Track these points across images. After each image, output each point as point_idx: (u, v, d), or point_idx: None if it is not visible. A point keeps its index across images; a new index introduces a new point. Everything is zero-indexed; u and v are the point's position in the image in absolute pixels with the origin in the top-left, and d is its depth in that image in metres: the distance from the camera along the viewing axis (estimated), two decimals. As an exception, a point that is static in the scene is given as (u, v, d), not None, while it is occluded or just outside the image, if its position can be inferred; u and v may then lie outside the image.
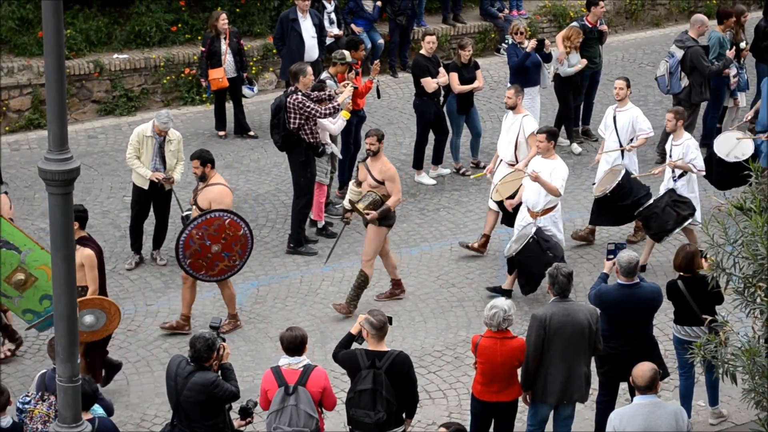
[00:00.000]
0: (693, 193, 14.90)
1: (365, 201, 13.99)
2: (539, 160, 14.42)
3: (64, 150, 7.97)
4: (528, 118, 15.53)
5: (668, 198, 14.74)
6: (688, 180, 14.87)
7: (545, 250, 13.91)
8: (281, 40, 18.47)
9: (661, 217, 14.68)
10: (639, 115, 15.70)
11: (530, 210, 14.28)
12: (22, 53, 18.78)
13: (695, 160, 14.77)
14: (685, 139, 14.84)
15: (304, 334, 10.46)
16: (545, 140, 14.28)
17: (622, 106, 15.77)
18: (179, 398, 10.18)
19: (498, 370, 10.90)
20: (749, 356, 8.58)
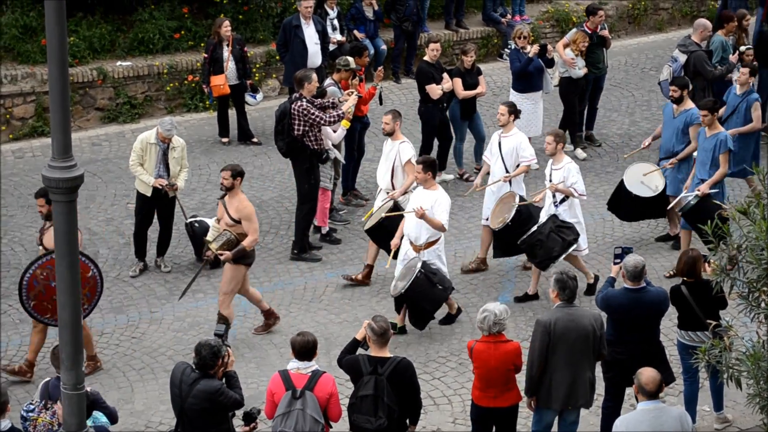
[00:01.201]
0: (576, 218, 14.36)
1: (219, 241, 13.39)
2: (420, 192, 13.79)
3: (67, 157, 7.97)
4: (405, 145, 14.95)
5: (552, 224, 14.15)
6: (570, 205, 14.33)
7: (435, 284, 13.43)
8: (284, 47, 18.49)
9: (546, 243, 14.08)
10: (523, 142, 15.11)
11: (413, 244, 13.73)
12: (26, 61, 18.81)
13: (576, 185, 14.21)
14: (565, 162, 14.31)
15: (315, 339, 10.50)
16: (422, 171, 13.63)
17: (506, 131, 15.13)
18: (184, 405, 10.18)
19: (493, 375, 10.89)
20: (754, 361, 8.57)
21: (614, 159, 18.36)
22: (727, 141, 14.67)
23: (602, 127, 19.28)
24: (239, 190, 13.61)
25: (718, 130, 14.78)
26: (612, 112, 19.95)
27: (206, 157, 18.15)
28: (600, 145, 18.80)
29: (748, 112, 16.29)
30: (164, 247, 15.28)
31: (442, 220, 13.58)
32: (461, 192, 17.23)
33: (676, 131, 15.43)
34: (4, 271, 15.07)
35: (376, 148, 18.21)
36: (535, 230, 14.17)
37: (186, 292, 14.19)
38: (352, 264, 15.32)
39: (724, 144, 14.64)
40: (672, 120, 15.53)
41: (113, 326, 14.07)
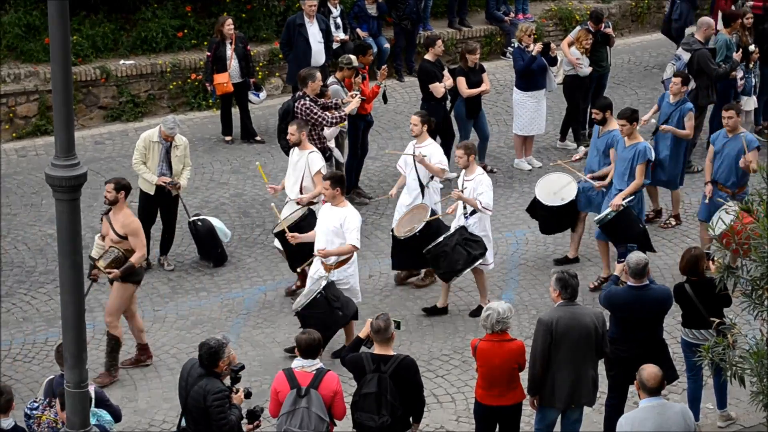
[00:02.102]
0: (484, 232, 13.97)
1: (106, 259, 12.82)
2: (328, 209, 13.22)
3: (71, 156, 7.98)
4: (314, 155, 14.40)
5: (459, 236, 13.70)
6: (480, 218, 13.92)
7: (334, 309, 12.76)
8: (288, 45, 18.49)
9: (451, 255, 13.60)
10: (435, 153, 14.68)
11: (323, 262, 13.17)
12: (29, 60, 18.82)
13: (482, 196, 13.77)
14: (477, 174, 13.85)
15: (320, 337, 10.51)
16: (330, 187, 13.05)
17: (420, 142, 14.68)
18: (187, 399, 10.20)
19: (497, 373, 10.89)
20: (757, 359, 8.57)
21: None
22: (645, 152, 14.37)
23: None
24: (124, 204, 13.04)
25: (637, 141, 14.48)
26: (615, 110, 19.90)
27: (209, 156, 18.16)
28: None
29: (682, 122, 15.81)
30: (167, 245, 15.28)
31: (351, 242, 12.99)
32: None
33: (599, 152, 15.04)
34: (7, 269, 15.07)
35: (379, 146, 18.23)
36: (441, 241, 13.68)
37: None
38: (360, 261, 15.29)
39: (642, 155, 14.34)
40: (596, 140, 15.14)
41: (117, 325, 14.07)
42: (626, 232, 14.27)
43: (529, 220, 16.21)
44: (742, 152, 14.48)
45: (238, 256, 15.47)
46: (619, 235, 14.38)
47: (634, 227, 14.26)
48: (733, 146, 14.62)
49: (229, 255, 15.30)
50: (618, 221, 14.25)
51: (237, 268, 15.20)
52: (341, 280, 13.14)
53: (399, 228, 14.26)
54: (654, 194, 16.26)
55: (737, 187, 14.64)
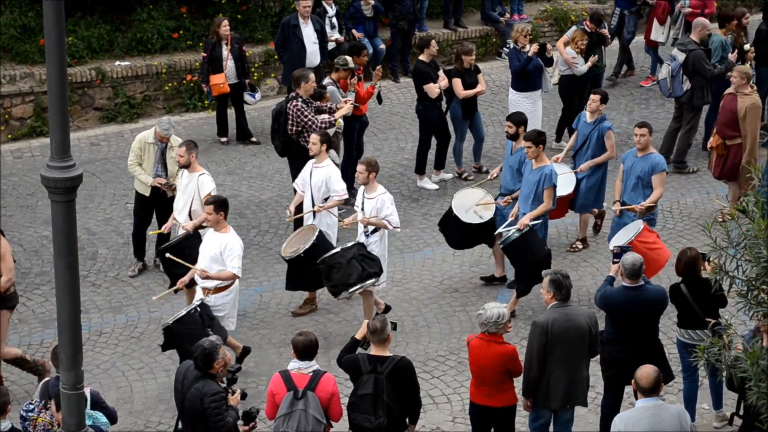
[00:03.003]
0: (383, 252, 13.67)
1: None
2: (211, 234, 12.76)
3: (66, 157, 7.97)
4: (204, 177, 13.95)
5: (357, 250, 13.34)
6: (381, 237, 13.64)
7: (205, 327, 12.07)
8: (283, 46, 18.48)
9: (345, 268, 13.20)
10: (334, 175, 14.22)
11: (203, 286, 12.75)
12: (24, 61, 18.80)
13: (390, 217, 13.51)
14: (379, 193, 13.53)
15: (316, 338, 10.51)
16: (213, 212, 12.57)
17: (318, 162, 14.26)
18: (183, 401, 10.20)
19: (484, 374, 10.90)
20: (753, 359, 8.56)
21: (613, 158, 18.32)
22: (551, 176, 13.91)
23: (601, 126, 19.26)
24: None
25: (544, 164, 14.01)
26: (610, 111, 19.92)
27: (205, 157, 18.13)
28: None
29: (601, 141, 15.37)
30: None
31: (233, 269, 12.54)
32: (460, 191, 17.24)
33: (512, 169, 14.61)
34: (3, 271, 15.05)
35: (374, 147, 18.22)
36: (338, 251, 13.35)
37: None
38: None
39: (548, 179, 13.89)
40: (509, 157, 14.72)
41: (112, 326, 14.07)
42: (529, 254, 13.80)
43: (525, 220, 16.23)
44: (648, 173, 14.16)
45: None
46: (521, 256, 13.90)
47: (538, 248, 13.82)
48: (642, 166, 14.24)
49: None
50: (522, 242, 13.84)
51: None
52: (217, 306, 12.57)
53: (286, 249, 13.81)
54: (584, 221, 15.75)
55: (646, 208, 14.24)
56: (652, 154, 14.38)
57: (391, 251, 15.57)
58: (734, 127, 16.05)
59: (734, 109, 15.98)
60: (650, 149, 14.38)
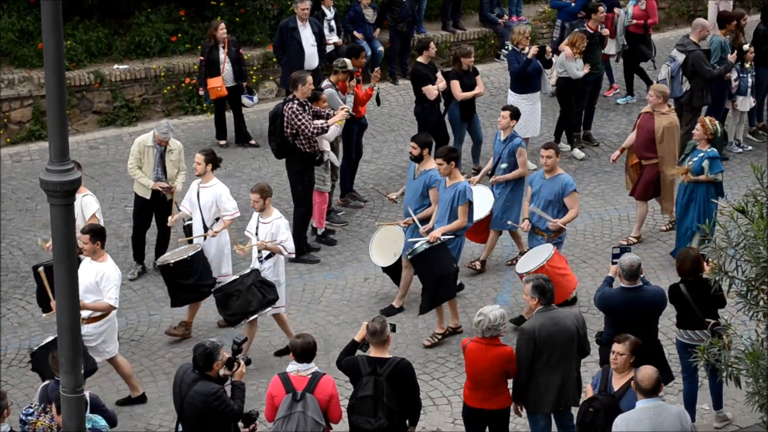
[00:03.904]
0: (277, 278, 13.26)
1: None
2: (87, 263, 12.21)
3: (65, 161, 7.97)
4: (88, 198, 13.48)
5: (255, 277, 13.02)
6: (275, 263, 13.28)
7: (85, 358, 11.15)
8: (281, 49, 18.49)
9: (245, 296, 12.93)
10: (224, 194, 13.84)
11: None
12: (23, 65, 18.80)
13: (286, 242, 13.16)
14: (274, 217, 13.23)
15: (315, 340, 10.52)
16: (89, 241, 12.14)
17: (204, 181, 13.87)
18: (182, 404, 10.20)
19: (482, 377, 10.89)
20: (753, 359, 8.57)
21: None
22: (465, 192, 13.47)
23: (600, 127, 19.30)
24: None
25: (457, 180, 13.57)
26: (609, 112, 19.96)
27: (204, 160, 18.13)
28: (597, 144, 18.82)
29: (513, 158, 14.93)
30: (162, 249, 15.25)
31: (109, 300, 12.10)
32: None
33: (416, 193, 14.12)
34: (3, 275, 15.05)
35: (373, 149, 18.23)
36: (236, 279, 13.03)
37: None
38: (350, 265, 15.32)
39: (462, 195, 13.46)
40: (412, 181, 14.23)
41: (112, 329, 14.06)
42: (435, 268, 13.35)
43: (524, 222, 16.24)
44: (559, 195, 13.88)
45: (232, 260, 15.44)
46: (428, 269, 13.41)
47: (447, 264, 13.36)
48: (551, 189, 13.94)
49: (224, 259, 15.29)
50: (430, 254, 13.38)
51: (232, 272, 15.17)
52: (87, 335, 11.90)
53: (167, 256, 13.61)
54: (517, 238, 15.30)
55: (554, 232, 13.94)
56: (560, 175, 14.03)
57: (390, 253, 15.60)
58: (650, 147, 15.54)
59: (651, 129, 15.51)
60: (558, 170, 14.06)
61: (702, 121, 14.88)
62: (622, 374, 10.57)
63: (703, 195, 14.80)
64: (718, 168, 14.80)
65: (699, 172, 14.72)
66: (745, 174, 17.33)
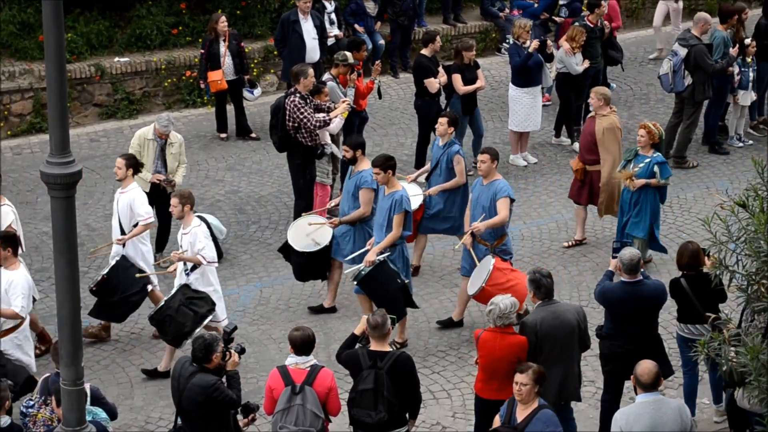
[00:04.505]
0: (211, 287, 12.88)
1: None
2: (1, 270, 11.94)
3: (66, 154, 7.98)
4: (6, 208, 12.98)
5: (182, 296, 12.64)
6: (203, 272, 12.81)
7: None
8: (282, 42, 18.48)
9: (176, 319, 12.55)
10: (137, 198, 13.45)
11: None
12: (24, 57, 18.79)
13: (204, 251, 12.71)
14: (193, 226, 12.77)
15: (313, 333, 10.53)
16: (1, 248, 11.85)
17: (124, 186, 13.51)
18: (181, 398, 10.21)
19: (497, 365, 10.89)
20: (753, 354, 8.57)
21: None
22: (402, 202, 13.00)
23: (601, 121, 19.25)
24: None
25: (395, 189, 13.09)
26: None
27: (204, 153, 18.15)
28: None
29: (451, 165, 14.51)
30: (163, 242, 15.27)
31: (15, 308, 11.79)
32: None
33: (349, 194, 13.86)
34: (3, 267, 15.04)
35: (374, 142, 18.20)
36: (162, 305, 12.67)
37: None
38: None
39: (399, 205, 12.97)
40: (347, 181, 13.99)
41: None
42: (382, 288, 13.01)
43: (524, 215, 16.25)
44: (493, 201, 13.35)
45: (233, 253, 15.47)
46: (375, 291, 13.10)
47: (390, 283, 12.94)
48: (487, 195, 13.44)
49: (224, 252, 15.27)
50: (373, 277, 12.98)
51: (233, 265, 15.19)
52: (6, 350, 11.78)
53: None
54: None
55: (495, 239, 13.47)
56: (496, 180, 13.48)
57: (390, 247, 15.59)
58: (594, 150, 15.14)
59: (593, 132, 15.16)
60: (494, 176, 13.49)
61: (646, 126, 14.46)
62: (527, 405, 10.13)
63: (650, 200, 14.48)
64: (669, 173, 14.54)
65: (647, 178, 14.36)
66: (746, 168, 17.32)
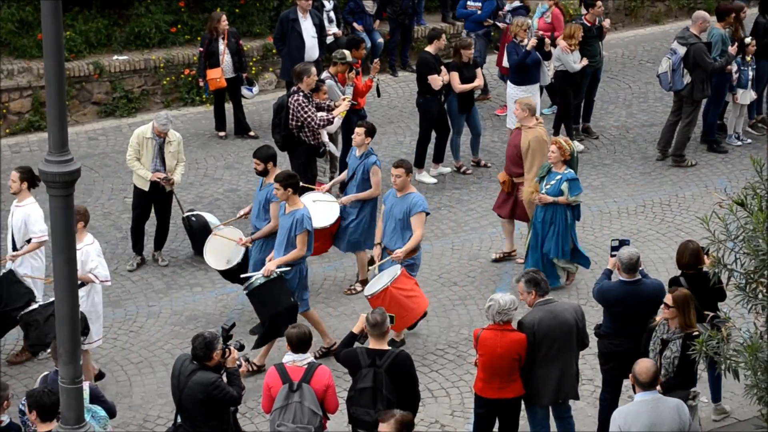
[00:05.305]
0: (93, 308, 12.40)
1: None
2: None
3: (64, 152, 7.98)
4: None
5: (49, 307, 12.01)
6: (89, 292, 12.35)
7: None
8: (281, 40, 18.47)
9: (42, 327, 12.08)
10: (33, 214, 12.91)
11: None
12: (22, 55, 18.79)
13: (97, 270, 12.32)
14: (85, 244, 12.26)
15: (310, 331, 10.54)
16: None
17: (20, 200, 13.07)
18: (181, 396, 10.22)
19: (497, 363, 10.89)
20: (751, 352, 8.57)
21: (611, 151, 18.38)
22: (303, 221, 12.68)
23: (599, 120, 19.29)
24: None
25: (296, 207, 12.77)
26: (609, 104, 19.95)
27: (203, 151, 18.15)
28: (597, 137, 18.81)
29: (367, 175, 14.22)
30: (162, 241, 15.28)
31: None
32: (458, 185, 17.24)
33: (260, 205, 13.59)
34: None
35: (373, 141, 18.17)
36: (36, 308, 12.20)
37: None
38: (349, 257, 15.29)
39: (300, 224, 12.68)
40: (258, 191, 13.73)
41: (111, 320, 14.06)
42: (272, 303, 12.62)
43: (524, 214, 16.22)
44: (407, 214, 13.22)
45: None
46: (262, 305, 12.72)
47: (282, 299, 12.55)
48: (400, 208, 13.28)
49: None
50: (266, 289, 12.64)
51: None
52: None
53: None
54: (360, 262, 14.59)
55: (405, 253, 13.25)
56: (411, 193, 13.36)
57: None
58: (520, 163, 14.76)
59: (518, 144, 14.75)
60: (409, 189, 13.40)
61: (557, 142, 14.14)
62: None
63: (561, 218, 14.17)
64: (578, 190, 14.16)
65: (557, 195, 14.12)
66: (744, 167, 17.34)
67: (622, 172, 17.67)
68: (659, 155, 17.98)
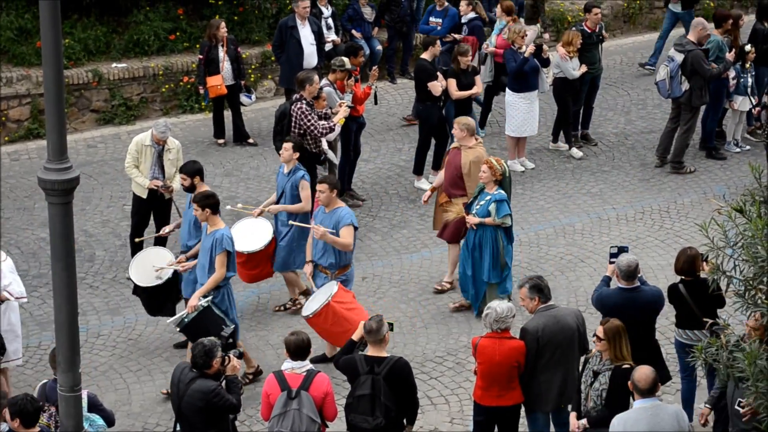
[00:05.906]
0: (9, 326, 12.01)
1: None
2: None
3: (63, 159, 7.97)
4: None
5: None
6: (5, 310, 11.99)
7: None
8: (280, 48, 18.49)
9: None
10: None
11: None
12: (21, 63, 18.80)
13: (11, 286, 11.95)
14: None
15: (308, 338, 10.53)
16: None
17: None
18: (180, 404, 10.21)
19: (496, 371, 10.89)
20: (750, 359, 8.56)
21: (610, 158, 18.38)
22: (223, 241, 12.29)
23: (598, 126, 19.29)
24: None
25: (218, 227, 12.43)
26: (608, 111, 19.96)
27: (202, 159, 18.02)
28: (596, 144, 18.81)
29: (296, 191, 14.01)
30: (160, 248, 15.27)
31: None
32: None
33: (190, 223, 13.23)
34: (1, 273, 15.03)
35: (372, 148, 18.22)
36: None
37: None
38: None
39: (219, 244, 12.28)
40: (188, 209, 13.32)
41: (110, 328, 14.06)
42: (204, 335, 11.40)
43: (521, 221, 16.23)
44: (337, 228, 13.02)
45: (231, 258, 15.44)
46: (197, 337, 11.49)
47: (212, 332, 11.55)
48: (329, 223, 13.12)
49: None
50: (194, 324, 12.19)
51: (230, 271, 15.16)
52: None
53: None
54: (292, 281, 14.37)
55: (337, 269, 13.16)
56: (339, 208, 13.22)
57: (389, 252, 15.63)
58: (459, 184, 14.52)
59: (458, 165, 14.49)
60: (337, 204, 13.25)
61: (489, 163, 13.75)
62: None
63: (492, 240, 13.84)
64: (506, 211, 13.67)
65: (485, 216, 13.73)
66: (743, 173, 17.33)
67: (621, 178, 17.67)
68: (658, 162, 17.99)
